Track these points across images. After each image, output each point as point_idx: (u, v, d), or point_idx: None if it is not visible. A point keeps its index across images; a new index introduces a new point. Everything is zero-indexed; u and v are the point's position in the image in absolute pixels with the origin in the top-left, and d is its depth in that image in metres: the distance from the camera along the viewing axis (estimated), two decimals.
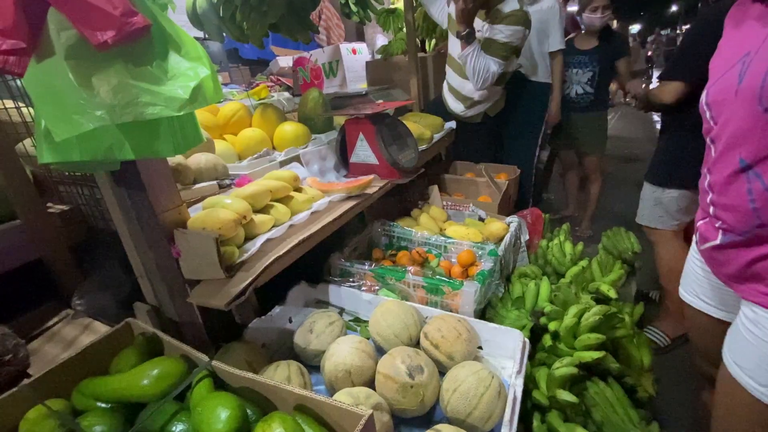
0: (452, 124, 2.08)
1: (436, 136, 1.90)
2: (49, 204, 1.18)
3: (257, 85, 3.11)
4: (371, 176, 1.20)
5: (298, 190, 1.18)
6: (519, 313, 1.20)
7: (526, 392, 0.94)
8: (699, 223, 0.88)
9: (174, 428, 0.59)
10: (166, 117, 0.60)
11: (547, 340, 1.10)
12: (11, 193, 1.02)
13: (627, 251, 1.73)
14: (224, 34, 1.68)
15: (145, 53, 0.60)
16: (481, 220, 1.63)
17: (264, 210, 1.04)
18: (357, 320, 1.14)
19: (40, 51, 0.54)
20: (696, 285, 0.95)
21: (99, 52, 0.55)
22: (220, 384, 0.67)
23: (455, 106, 2.07)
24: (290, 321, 1.14)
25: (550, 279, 1.49)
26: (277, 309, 1.11)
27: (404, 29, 2.27)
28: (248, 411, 0.60)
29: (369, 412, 0.51)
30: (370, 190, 1.24)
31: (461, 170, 2.22)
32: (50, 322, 0.91)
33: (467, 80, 1.88)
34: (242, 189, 1.02)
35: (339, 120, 1.77)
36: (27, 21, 0.54)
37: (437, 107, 2.16)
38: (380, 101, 1.77)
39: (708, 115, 0.77)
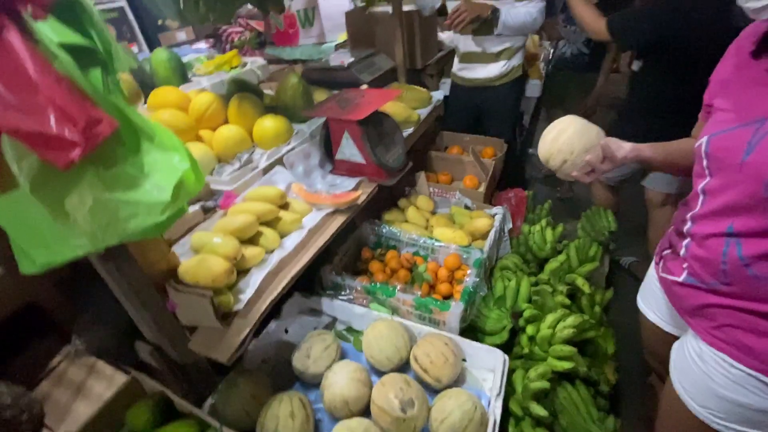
0: (440, 95, 1.98)
1: (423, 112, 1.81)
2: None
3: (226, 34, 2.82)
4: (359, 192, 1.18)
5: (285, 206, 1.16)
6: (500, 312, 1.29)
7: (505, 397, 1.06)
8: (665, 252, 0.90)
9: None
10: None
11: (524, 341, 1.20)
12: None
13: (604, 230, 1.81)
14: None
15: (115, 152, 0.55)
16: (468, 208, 1.65)
17: (253, 239, 1.03)
18: (350, 329, 1.21)
19: (3, 182, 0.49)
20: (652, 300, 1.01)
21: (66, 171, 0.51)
22: None
23: (486, 72, 1.93)
24: (286, 332, 1.20)
25: (531, 266, 1.59)
26: (272, 325, 1.17)
27: None
28: None
29: None
30: (358, 200, 1.23)
31: (447, 141, 2.17)
32: (54, 362, 0.94)
33: (484, 36, 1.84)
34: (230, 221, 1.00)
35: (319, 97, 1.66)
36: None
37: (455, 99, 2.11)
38: (365, 86, 1.65)
39: (704, 163, 0.74)
